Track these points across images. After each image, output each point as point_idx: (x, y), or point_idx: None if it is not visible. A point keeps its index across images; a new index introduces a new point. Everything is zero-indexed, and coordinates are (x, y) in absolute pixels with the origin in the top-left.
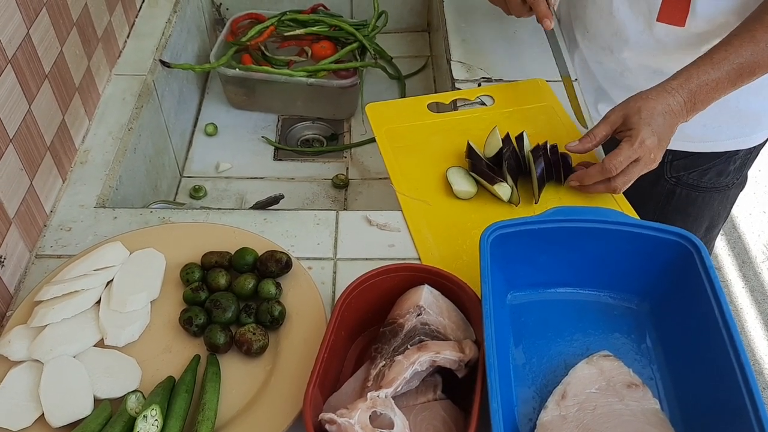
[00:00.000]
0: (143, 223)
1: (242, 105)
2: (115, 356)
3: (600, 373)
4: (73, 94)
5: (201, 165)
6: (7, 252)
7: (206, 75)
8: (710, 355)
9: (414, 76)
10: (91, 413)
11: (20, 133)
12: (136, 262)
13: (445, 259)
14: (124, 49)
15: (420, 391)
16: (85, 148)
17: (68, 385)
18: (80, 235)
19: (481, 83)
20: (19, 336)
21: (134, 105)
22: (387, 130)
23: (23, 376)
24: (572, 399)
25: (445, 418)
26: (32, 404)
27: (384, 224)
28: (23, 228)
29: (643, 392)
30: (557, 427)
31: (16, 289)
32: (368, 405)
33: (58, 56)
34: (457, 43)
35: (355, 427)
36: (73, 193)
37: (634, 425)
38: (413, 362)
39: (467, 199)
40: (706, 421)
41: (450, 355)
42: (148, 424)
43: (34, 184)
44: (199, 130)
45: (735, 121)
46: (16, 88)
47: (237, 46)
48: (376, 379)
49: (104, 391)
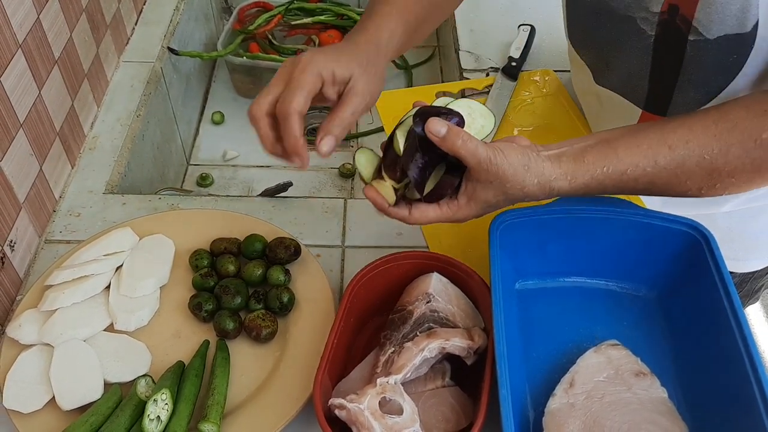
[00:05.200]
0: (152, 209)
1: (249, 93)
2: (125, 341)
3: (608, 361)
4: (82, 80)
5: (208, 153)
6: (17, 236)
7: (213, 63)
8: (719, 344)
9: (421, 66)
10: (101, 397)
11: (30, 117)
12: (146, 247)
13: (453, 247)
14: (132, 36)
15: (429, 377)
16: (94, 135)
17: (79, 368)
18: (89, 221)
19: (489, 73)
20: (30, 320)
21: (142, 92)
22: (395, 119)
23: (34, 359)
24: (580, 387)
25: (453, 404)
26: (43, 387)
27: None
28: (33, 213)
29: (651, 381)
30: (565, 414)
31: (26, 274)
32: (378, 391)
33: (67, 42)
34: (465, 33)
35: (364, 412)
36: (82, 179)
37: (642, 414)
38: (422, 349)
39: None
40: (713, 409)
41: (459, 342)
42: (159, 408)
43: (43, 169)
44: (206, 119)
45: (724, 243)
46: (26, 73)
47: (244, 35)
48: (386, 366)
49: (114, 375)
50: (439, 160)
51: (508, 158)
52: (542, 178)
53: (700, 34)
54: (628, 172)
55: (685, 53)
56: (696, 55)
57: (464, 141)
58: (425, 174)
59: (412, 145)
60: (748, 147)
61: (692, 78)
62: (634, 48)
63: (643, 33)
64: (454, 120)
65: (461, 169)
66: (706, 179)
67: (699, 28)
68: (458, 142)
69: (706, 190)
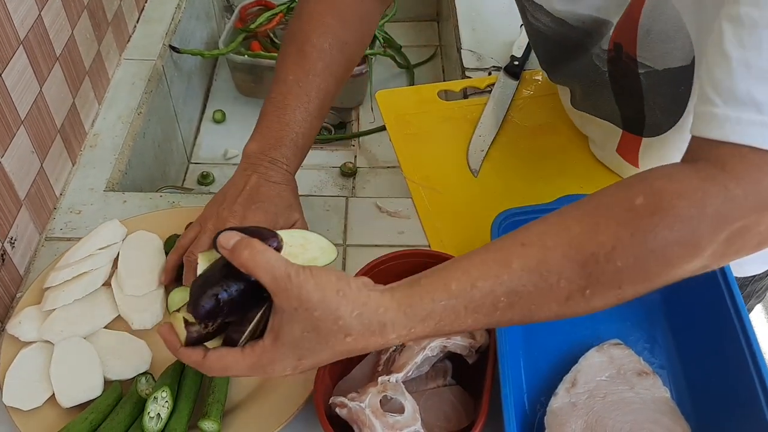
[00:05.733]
0: (153, 206)
1: (250, 92)
2: (126, 338)
3: (610, 360)
4: (83, 78)
5: (209, 152)
6: (17, 233)
7: (215, 62)
8: (721, 343)
9: (423, 65)
10: (101, 394)
11: (31, 114)
12: (135, 245)
13: (455, 245)
14: (133, 34)
15: (430, 376)
16: (95, 132)
17: (79, 366)
18: (90, 218)
19: (491, 72)
20: (30, 317)
21: (143, 90)
22: (397, 118)
23: (34, 356)
24: (582, 386)
25: (454, 403)
26: (43, 385)
27: (394, 211)
28: (33, 210)
29: (654, 380)
30: (567, 414)
31: (26, 271)
32: (379, 389)
33: (69, 39)
34: (467, 32)
35: (365, 410)
36: (83, 177)
37: (644, 413)
38: (424, 347)
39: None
40: (716, 409)
41: (461, 341)
42: (159, 406)
43: (44, 166)
44: (207, 117)
45: None
46: (27, 69)
47: (246, 33)
48: (387, 364)
49: (115, 372)
50: (250, 290)
51: (316, 278)
52: (366, 309)
53: (648, 66)
54: (478, 284)
55: (641, 83)
56: (651, 83)
57: (255, 252)
58: (219, 305)
59: (212, 269)
60: (619, 216)
61: (656, 103)
62: (595, 81)
63: (598, 68)
64: (273, 243)
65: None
66: (581, 273)
67: (645, 62)
68: (245, 253)
69: (592, 292)
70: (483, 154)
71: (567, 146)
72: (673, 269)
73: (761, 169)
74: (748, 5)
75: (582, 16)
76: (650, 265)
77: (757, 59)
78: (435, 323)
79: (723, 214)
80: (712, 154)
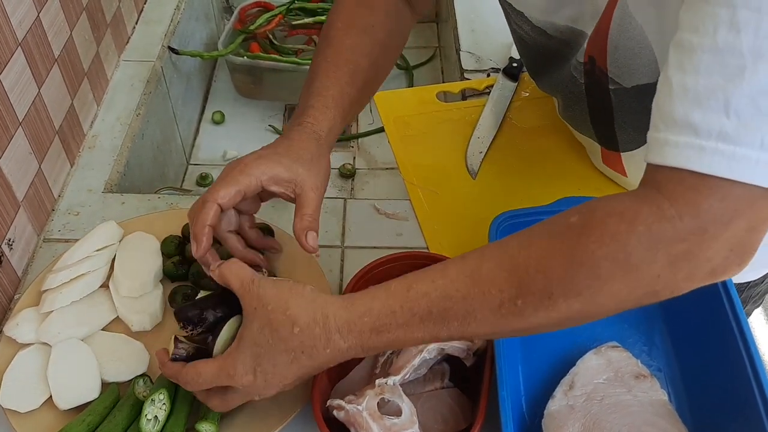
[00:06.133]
0: (151, 208)
1: (250, 93)
2: (123, 340)
3: (608, 363)
4: (82, 79)
5: (208, 153)
6: (15, 235)
7: (214, 63)
8: (719, 346)
9: (421, 66)
10: (98, 396)
11: (30, 116)
12: (131, 246)
13: (453, 247)
14: (132, 35)
15: (428, 379)
16: (94, 134)
17: (76, 368)
18: (88, 220)
19: (490, 73)
20: (28, 319)
21: (142, 91)
22: (395, 119)
23: (31, 358)
24: (580, 389)
25: (452, 405)
26: (40, 387)
27: (392, 213)
28: (32, 211)
29: (651, 383)
30: (565, 416)
31: (24, 273)
32: (376, 392)
33: (67, 40)
34: (466, 33)
35: (363, 413)
36: (81, 178)
37: (642, 416)
38: (421, 350)
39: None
40: (714, 412)
41: (458, 344)
42: (156, 408)
43: (42, 167)
44: (206, 118)
45: None
46: (25, 71)
47: (245, 35)
48: (384, 367)
49: (112, 374)
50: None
51: (277, 283)
52: (313, 304)
53: (617, 83)
54: (414, 286)
55: (612, 100)
56: (620, 101)
57: (230, 264)
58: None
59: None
60: (553, 231)
61: (626, 120)
62: (573, 92)
63: (576, 80)
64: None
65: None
66: (511, 281)
67: (615, 78)
68: (223, 266)
69: (524, 302)
70: (481, 155)
71: (566, 148)
72: (605, 285)
73: (699, 191)
74: (688, 31)
75: (560, 26)
76: (580, 278)
77: (694, 83)
78: (373, 321)
79: (656, 234)
80: (652, 179)
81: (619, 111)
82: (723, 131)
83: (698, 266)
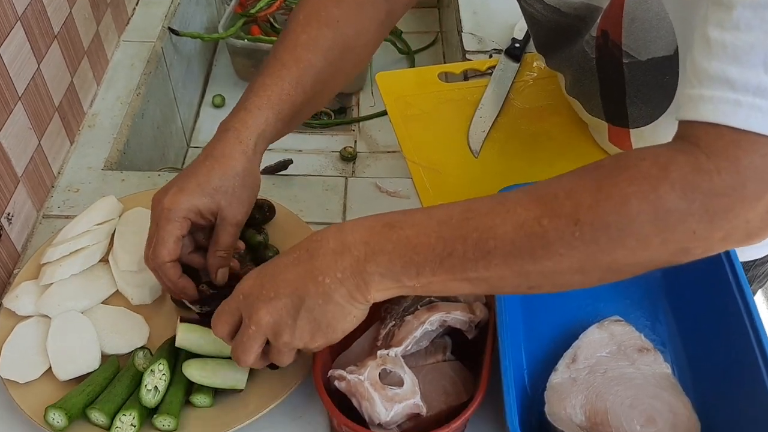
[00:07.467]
0: (151, 185)
1: (250, 77)
2: (123, 313)
3: (611, 337)
4: (81, 57)
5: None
6: (15, 210)
7: (214, 46)
8: (723, 319)
9: (423, 51)
10: (98, 368)
11: (29, 91)
12: (131, 221)
13: None
14: (132, 16)
15: (429, 351)
16: (94, 112)
17: (76, 339)
18: (88, 197)
19: (492, 55)
20: (27, 291)
21: (142, 71)
22: (397, 99)
23: (31, 330)
24: (583, 362)
25: (454, 378)
26: (40, 358)
27: (394, 191)
28: (31, 187)
29: (655, 356)
30: (567, 389)
31: (24, 248)
32: (378, 363)
33: (67, 18)
34: (468, 15)
35: (364, 383)
36: (81, 156)
37: (645, 389)
38: (423, 322)
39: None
40: (717, 385)
41: (460, 316)
42: (156, 378)
43: (42, 144)
44: (206, 101)
45: None
46: (25, 46)
47: (246, 18)
48: (386, 339)
49: (112, 347)
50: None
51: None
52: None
53: (632, 57)
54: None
55: (624, 74)
56: (634, 75)
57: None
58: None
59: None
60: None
61: (638, 95)
62: (584, 68)
63: (587, 54)
64: None
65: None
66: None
67: (629, 51)
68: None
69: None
70: (484, 135)
71: (568, 128)
72: (634, 224)
73: (739, 146)
74: None
75: (574, 3)
76: (607, 209)
77: (733, 39)
78: (387, 218)
79: (690, 182)
80: (687, 134)
81: (632, 85)
82: (762, 86)
83: (737, 227)
